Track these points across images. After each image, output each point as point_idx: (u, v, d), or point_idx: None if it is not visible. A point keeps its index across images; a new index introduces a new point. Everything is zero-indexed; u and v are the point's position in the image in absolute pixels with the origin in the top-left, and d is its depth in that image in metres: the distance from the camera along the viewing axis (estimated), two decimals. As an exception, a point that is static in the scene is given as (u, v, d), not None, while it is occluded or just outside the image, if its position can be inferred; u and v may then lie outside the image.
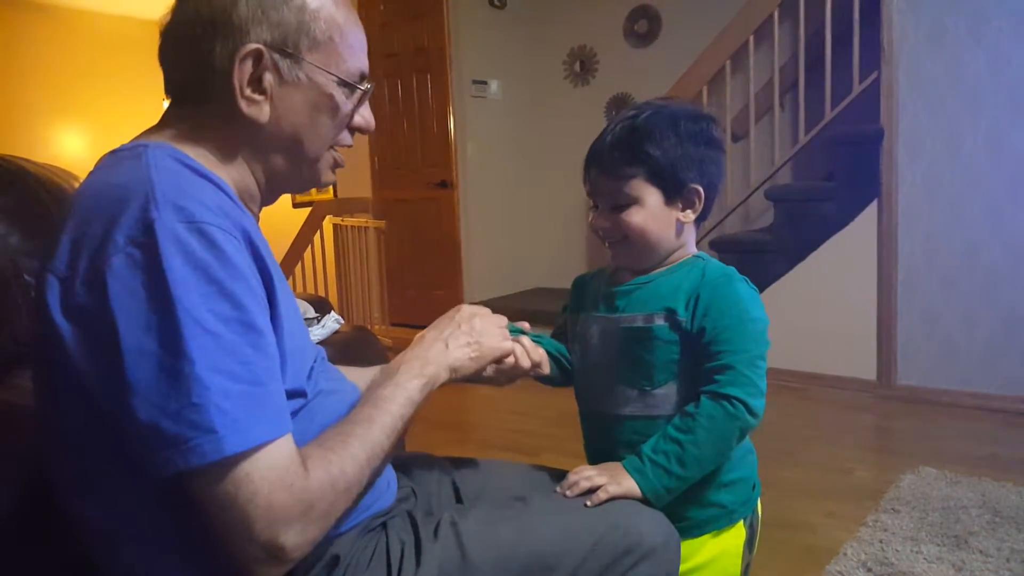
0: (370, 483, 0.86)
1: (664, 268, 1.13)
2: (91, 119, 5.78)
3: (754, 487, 1.17)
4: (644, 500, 1.03)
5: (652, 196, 1.09)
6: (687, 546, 1.07)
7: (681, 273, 1.11)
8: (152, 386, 0.69)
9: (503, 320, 1.09)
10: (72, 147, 5.72)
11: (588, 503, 1.00)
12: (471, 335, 1.02)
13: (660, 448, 1.04)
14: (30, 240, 1.19)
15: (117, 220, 0.72)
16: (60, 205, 1.22)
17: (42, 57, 5.57)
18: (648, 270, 1.14)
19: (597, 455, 1.14)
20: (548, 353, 1.19)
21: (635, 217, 1.09)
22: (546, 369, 1.17)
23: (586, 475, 1.04)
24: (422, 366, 0.95)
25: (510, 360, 1.07)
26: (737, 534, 1.13)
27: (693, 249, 1.16)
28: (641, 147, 1.07)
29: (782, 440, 2.79)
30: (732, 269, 1.11)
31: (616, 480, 1.03)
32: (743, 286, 1.08)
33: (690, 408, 1.05)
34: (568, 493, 1.02)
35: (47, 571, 0.94)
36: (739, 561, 1.14)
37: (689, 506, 1.09)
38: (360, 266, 4.83)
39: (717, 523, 1.11)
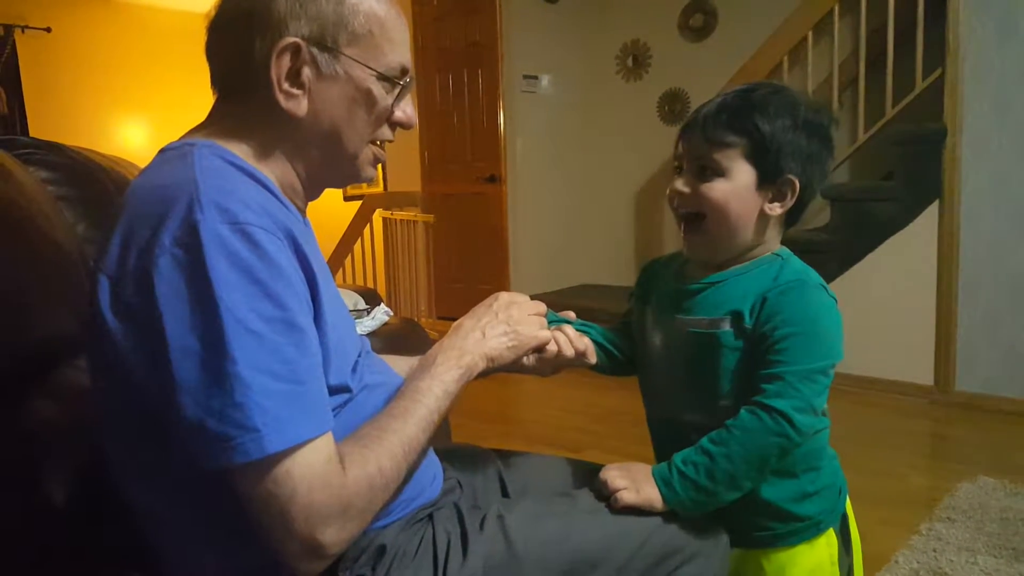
0: (407, 477, 0.86)
1: (739, 265, 1.05)
2: (153, 111, 5.95)
3: (840, 491, 1.11)
4: (668, 512, 0.97)
5: (744, 174, 1.00)
6: (779, 557, 1.05)
7: (756, 273, 1.03)
8: (197, 385, 0.71)
9: (541, 307, 1.07)
10: (135, 139, 5.91)
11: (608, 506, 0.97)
12: (508, 324, 1.01)
13: (690, 459, 0.97)
14: (96, 229, 1.23)
15: (163, 221, 0.74)
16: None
17: (106, 50, 5.76)
18: (721, 265, 1.06)
19: (663, 459, 1.06)
20: (595, 342, 1.14)
21: (717, 190, 1.00)
22: (592, 359, 1.11)
23: (609, 475, 0.99)
24: (459, 356, 0.95)
25: (552, 348, 1.05)
26: (829, 542, 1.08)
27: (775, 247, 1.07)
28: (751, 118, 0.99)
29: (835, 444, 2.70)
30: (810, 273, 1.03)
31: (636, 487, 0.97)
32: (816, 293, 1.00)
33: (730, 421, 0.97)
34: (598, 498, 0.99)
35: (102, 551, 0.97)
36: (836, 570, 1.09)
37: (772, 518, 1.05)
38: (408, 259, 4.88)
39: (804, 534, 1.06)
